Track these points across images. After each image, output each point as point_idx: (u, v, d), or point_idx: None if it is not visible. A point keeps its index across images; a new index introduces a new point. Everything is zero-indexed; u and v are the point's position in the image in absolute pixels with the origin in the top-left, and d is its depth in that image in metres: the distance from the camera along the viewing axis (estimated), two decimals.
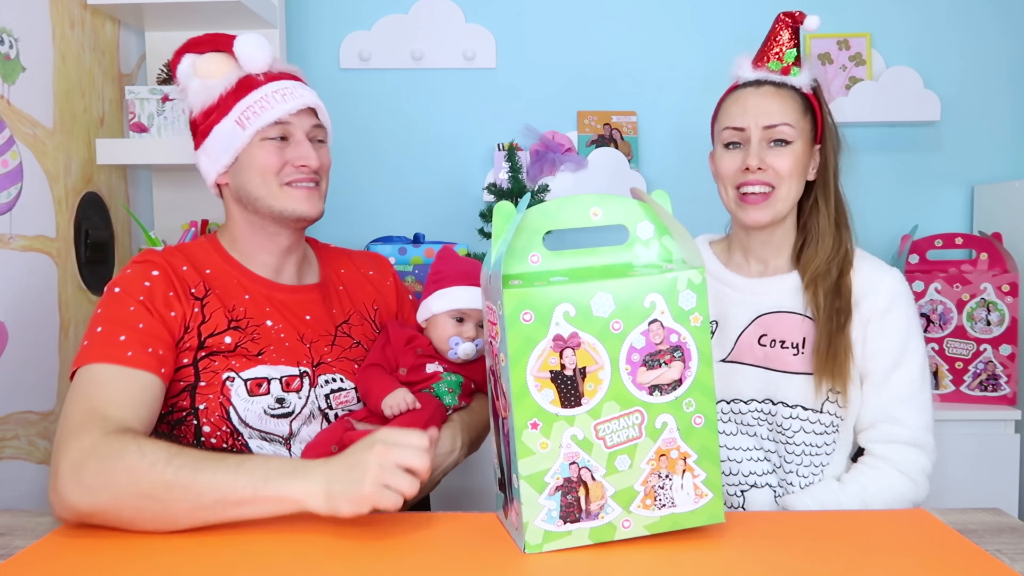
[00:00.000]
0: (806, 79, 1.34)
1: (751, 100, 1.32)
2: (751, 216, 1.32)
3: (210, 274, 1.27)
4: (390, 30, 2.40)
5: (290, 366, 1.25)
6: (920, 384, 1.32)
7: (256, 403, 1.22)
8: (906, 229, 2.32)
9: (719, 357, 1.36)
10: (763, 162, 1.30)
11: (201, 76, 1.28)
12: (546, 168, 2.28)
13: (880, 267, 1.36)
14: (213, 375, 1.21)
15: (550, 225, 0.97)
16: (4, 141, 1.56)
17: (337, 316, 1.36)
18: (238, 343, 1.23)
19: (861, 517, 1.08)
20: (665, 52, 2.41)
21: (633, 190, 1.00)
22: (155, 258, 1.24)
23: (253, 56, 1.26)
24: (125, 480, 0.98)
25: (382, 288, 1.46)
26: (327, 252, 1.45)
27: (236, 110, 1.25)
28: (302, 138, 1.28)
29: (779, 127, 1.30)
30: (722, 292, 1.39)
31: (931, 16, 2.39)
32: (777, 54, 1.33)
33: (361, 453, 0.99)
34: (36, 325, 1.65)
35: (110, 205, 1.98)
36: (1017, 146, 2.40)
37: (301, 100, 1.27)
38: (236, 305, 1.26)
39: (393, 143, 2.44)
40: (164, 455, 1.00)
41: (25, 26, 1.64)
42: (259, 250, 1.31)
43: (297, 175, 1.27)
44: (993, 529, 1.02)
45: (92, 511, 1.00)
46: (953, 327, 2.11)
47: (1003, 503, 2.00)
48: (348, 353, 1.33)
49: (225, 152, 1.27)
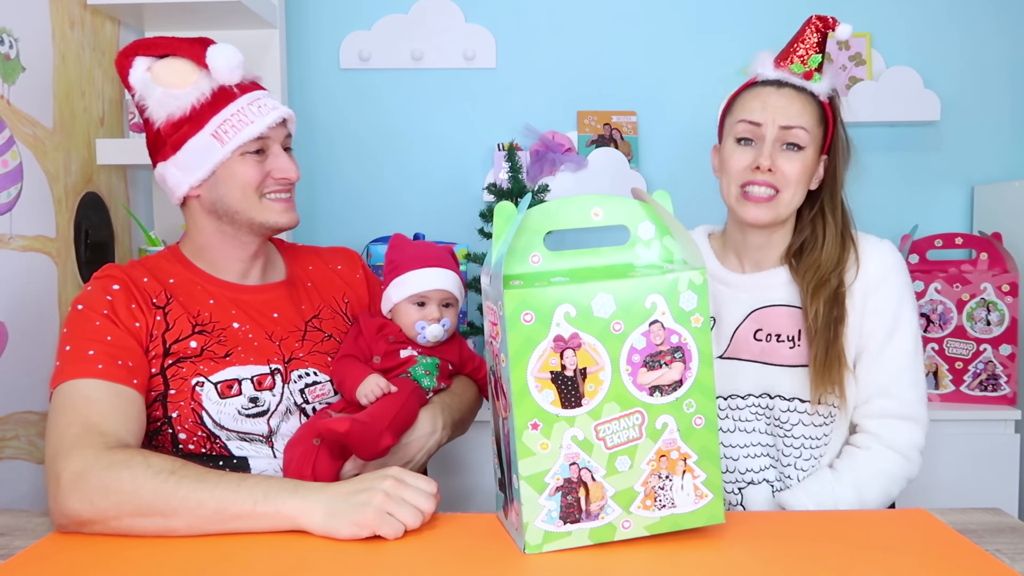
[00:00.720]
0: (826, 87, 1.32)
1: (771, 98, 1.30)
2: (752, 214, 1.30)
3: (173, 283, 1.28)
4: (390, 30, 2.40)
5: (260, 364, 1.26)
6: (913, 357, 1.32)
7: (229, 405, 1.22)
8: (906, 229, 2.32)
9: (716, 353, 1.36)
10: (773, 163, 1.28)
11: (164, 84, 1.23)
12: (546, 168, 2.27)
13: (870, 241, 1.36)
14: (182, 382, 1.21)
15: (551, 225, 0.97)
16: (4, 141, 1.56)
17: (306, 312, 1.36)
18: (204, 346, 1.23)
19: (861, 517, 1.08)
20: (665, 52, 2.41)
21: (634, 190, 1.00)
22: (115, 272, 1.25)
23: (229, 68, 1.23)
24: (129, 489, 0.99)
25: (352, 281, 1.46)
26: (293, 251, 1.46)
27: (212, 123, 1.23)
28: (279, 151, 1.28)
29: (795, 130, 1.28)
30: (717, 289, 1.39)
31: (931, 16, 2.39)
32: (802, 57, 1.31)
33: (371, 481, 1.01)
34: (36, 325, 1.65)
35: (110, 205, 1.98)
36: (1017, 146, 2.40)
37: (276, 113, 1.26)
38: (200, 310, 1.26)
39: (393, 143, 2.43)
40: (168, 467, 1.02)
41: (25, 26, 1.64)
42: (227, 258, 1.31)
43: (276, 187, 1.27)
44: (993, 529, 1.03)
45: (93, 519, 1.01)
46: (953, 327, 2.11)
47: (1003, 503, 2.00)
48: (320, 347, 1.34)
49: (200, 166, 1.25)
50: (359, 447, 1.19)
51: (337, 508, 0.98)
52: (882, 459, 1.29)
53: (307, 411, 1.29)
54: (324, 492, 1.01)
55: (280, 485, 1.02)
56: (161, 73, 1.23)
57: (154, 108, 1.24)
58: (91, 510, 1.00)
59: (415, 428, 1.28)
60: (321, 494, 1.00)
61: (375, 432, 1.19)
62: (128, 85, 1.26)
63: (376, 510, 0.97)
